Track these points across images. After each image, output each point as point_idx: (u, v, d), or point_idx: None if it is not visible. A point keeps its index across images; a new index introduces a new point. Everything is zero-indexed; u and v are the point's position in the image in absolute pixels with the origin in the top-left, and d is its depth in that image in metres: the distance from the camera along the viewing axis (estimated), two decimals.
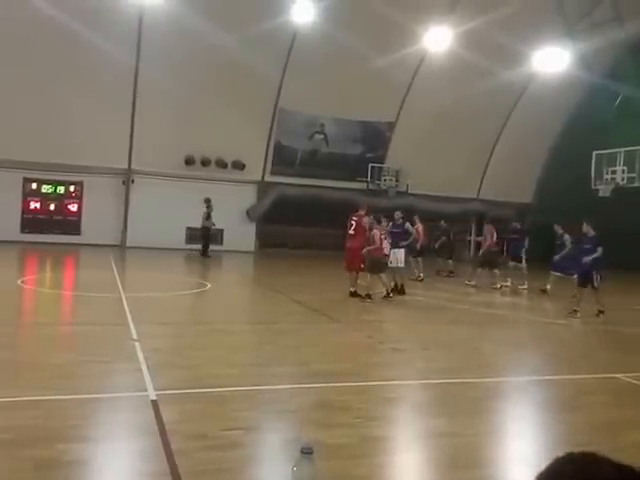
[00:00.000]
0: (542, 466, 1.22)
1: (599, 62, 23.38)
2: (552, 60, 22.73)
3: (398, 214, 13.09)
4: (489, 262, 14.86)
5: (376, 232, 11.31)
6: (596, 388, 5.79)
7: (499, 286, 14.47)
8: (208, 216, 21.15)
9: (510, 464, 4.02)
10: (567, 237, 13.62)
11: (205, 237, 21.14)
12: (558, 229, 13.94)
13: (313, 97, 22.78)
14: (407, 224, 13.35)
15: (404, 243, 12.93)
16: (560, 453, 1.09)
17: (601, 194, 21.79)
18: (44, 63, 20.14)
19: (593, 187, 22.18)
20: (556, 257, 13.46)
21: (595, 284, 10.21)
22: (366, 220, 11.50)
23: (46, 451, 3.51)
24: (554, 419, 4.80)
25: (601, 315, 10.17)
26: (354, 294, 11.26)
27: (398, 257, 12.37)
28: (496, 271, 14.78)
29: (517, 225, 16.27)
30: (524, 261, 15.03)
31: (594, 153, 22.18)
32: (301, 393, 5.07)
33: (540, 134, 26.31)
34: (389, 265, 12.11)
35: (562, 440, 4.22)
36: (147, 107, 21.94)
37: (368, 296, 10.97)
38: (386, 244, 11.74)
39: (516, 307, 12.71)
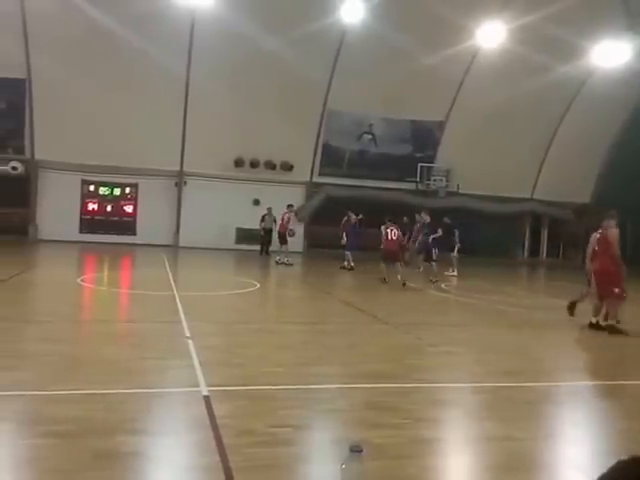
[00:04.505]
0: (597, 474, 1.19)
1: None
2: (613, 54, 21.81)
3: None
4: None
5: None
6: None
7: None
8: (263, 219, 21.84)
9: (563, 470, 3.91)
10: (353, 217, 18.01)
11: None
12: (350, 215, 17.96)
13: (362, 97, 22.72)
14: None
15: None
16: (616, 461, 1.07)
17: None
18: (100, 69, 20.88)
19: None
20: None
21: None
22: (614, 232, 8.78)
23: (105, 442, 3.64)
24: (612, 426, 4.63)
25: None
26: (596, 326, 8.84)
27: None
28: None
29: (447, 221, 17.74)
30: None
31: None
32: (349, 393, 5.08)
33: (599, 131, 25.32)
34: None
35: (620, 448, 4.06)
36: (198, 111, 22.43)
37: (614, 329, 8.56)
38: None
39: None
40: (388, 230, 14.33)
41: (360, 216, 18.99)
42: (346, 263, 17.49)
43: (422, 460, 3.76)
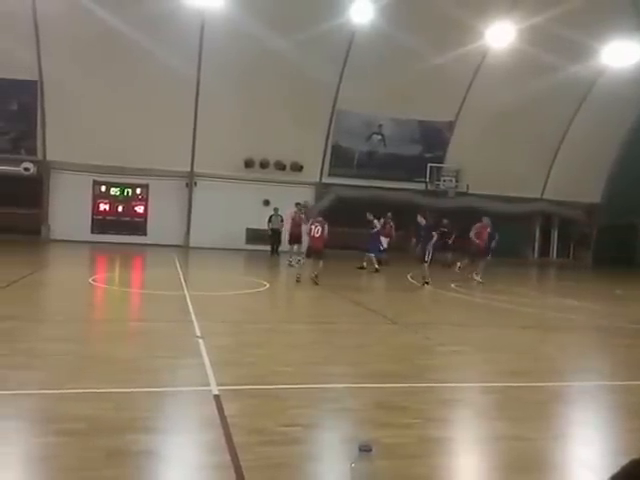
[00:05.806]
0: (607, 473, 1.20)
1: None
2: (623, 54, 21.74)
3: None
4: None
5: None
6: None
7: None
8: (270, 219, 21.91)
9: (574, 470, 3.90)
10: (376, 222, 17.35)
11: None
12: (369, 216, 17.41)
13: (371, 97, 22.72)
14: None
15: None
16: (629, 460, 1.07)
17: None
18: (110, 71, 21.03)
19: None
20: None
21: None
22: None
23: (116, 441, 3.68)
24: (621, 426, 4.62)
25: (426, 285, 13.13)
26: None
27: None
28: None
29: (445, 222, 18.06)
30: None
31: None
32: (358, 392, 5.09)
33: (609, 131, 25.18)
34: None
35: (630, 448, 4.05)
36: (208, 112, 22.53)
37: None
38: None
39: (582, 311, 12.24)
40: (312, 227, 13.47)
41: (381, 219, 18.34)
42: (373, 264, 16.95)
43: (432, 460, 3.76)
